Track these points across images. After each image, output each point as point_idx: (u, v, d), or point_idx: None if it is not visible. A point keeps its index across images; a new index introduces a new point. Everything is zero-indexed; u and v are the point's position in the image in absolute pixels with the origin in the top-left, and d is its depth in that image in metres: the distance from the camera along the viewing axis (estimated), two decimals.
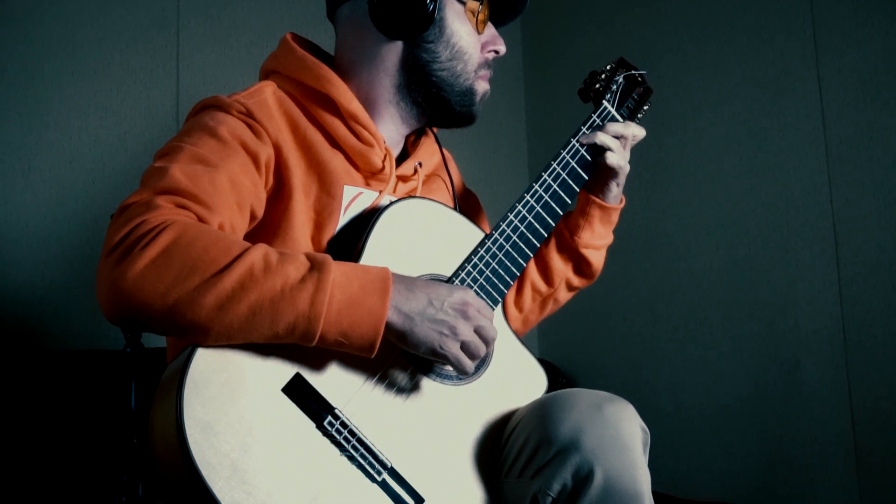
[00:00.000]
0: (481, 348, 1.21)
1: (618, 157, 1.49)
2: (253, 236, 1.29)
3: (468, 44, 1.43)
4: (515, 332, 1.43)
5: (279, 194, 1.30)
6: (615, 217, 1.61)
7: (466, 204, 1.62)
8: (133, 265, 1.06)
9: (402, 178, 1.45)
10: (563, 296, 1.67)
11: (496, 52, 1.48)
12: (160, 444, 1.12)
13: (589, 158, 1.48)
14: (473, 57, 1.44)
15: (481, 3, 1.44)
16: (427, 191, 1.51)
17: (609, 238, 1.63)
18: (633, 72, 1.58)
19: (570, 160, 1.46)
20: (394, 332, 1.17)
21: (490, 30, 1.49)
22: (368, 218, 1.33)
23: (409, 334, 1.17)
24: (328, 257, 1.15)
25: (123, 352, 1.50)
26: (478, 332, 1.21)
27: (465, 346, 1.20)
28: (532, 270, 1.64)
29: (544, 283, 1.63)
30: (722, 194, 2.61)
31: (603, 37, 3.06)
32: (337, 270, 1.13)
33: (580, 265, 1.63)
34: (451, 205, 1.53)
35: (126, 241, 1.08)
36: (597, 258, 1.63)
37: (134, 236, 1.08)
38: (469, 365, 1.21)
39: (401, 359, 1.26)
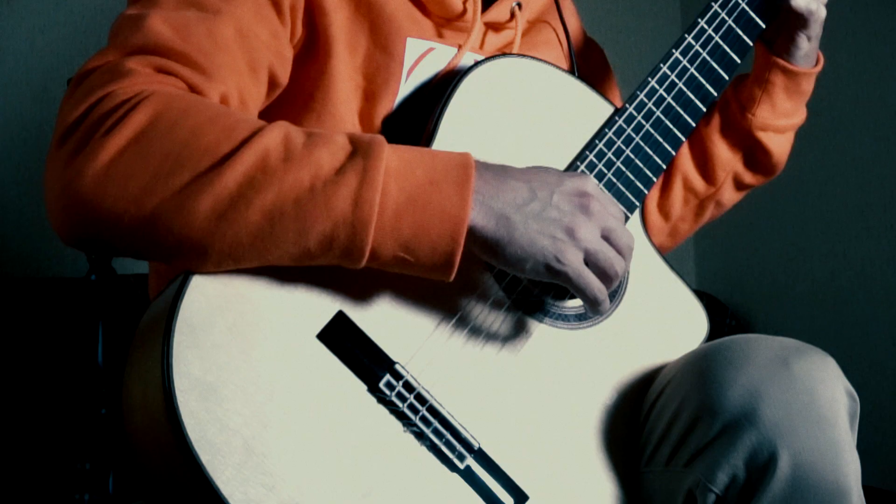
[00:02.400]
0: (615, 263, 0.99)
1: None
2: (273, 113, 1.11)
3: None
4: (660, 251, 1.21)
5: (312, 51, 1.12)
6: (808, 85, 1.32)
7: (588, 64, 1.41)
8: (95, 158, 0.93)
9: (493, 27, 1.25)
10: (730, 197, 1.41)
11: None
12: (139, 415, 0.97)
13: None
14: None
15: None
16: (530, 45, 1.30)
17: (798, 116, 1.36)
18: None
19: None
20: (482, 240, 0.95)
21: None
22: (444, 86, 1.15)
23: (507, 243, 0.96)
24: (379, 137, 0.96)
25: (87, 280, 1.37)
26: (606, 237, 0.99)
27: (590, 258, 0.98)
28: (684, 161, 1.39)
29: (702, 180, 1.38)
30: None
31: None
32: (392, 155, 0.94)
33: (754, 154, 1.36)
34: (566, 65, 1.34)
35: (85, 123, 0.95)
36: (779, 144, 1.36)
37: (96, 115, 0.95)
38: (598, 288, 0.99)
39: (492, 287, 1.06)
